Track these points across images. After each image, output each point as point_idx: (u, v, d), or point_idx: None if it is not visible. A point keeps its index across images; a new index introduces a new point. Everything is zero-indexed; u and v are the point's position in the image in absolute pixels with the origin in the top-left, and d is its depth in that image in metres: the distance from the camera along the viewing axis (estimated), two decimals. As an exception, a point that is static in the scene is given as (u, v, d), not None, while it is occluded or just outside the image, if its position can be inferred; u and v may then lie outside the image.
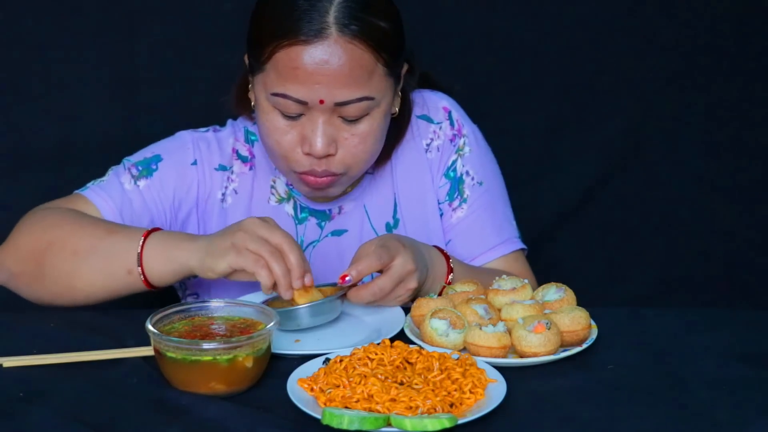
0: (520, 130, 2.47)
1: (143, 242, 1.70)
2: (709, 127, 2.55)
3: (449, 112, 1.97)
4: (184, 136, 1.92)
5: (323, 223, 1.92)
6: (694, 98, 2.53)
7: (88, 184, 1.87)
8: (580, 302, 1.65)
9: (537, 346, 1.53)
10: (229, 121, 1.97)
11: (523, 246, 1.98)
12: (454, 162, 1.95)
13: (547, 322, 1.54)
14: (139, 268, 1.70)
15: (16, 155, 2.34)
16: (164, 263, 1.70)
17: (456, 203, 1.95)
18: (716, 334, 1.66)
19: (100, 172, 1.90)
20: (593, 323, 1.62)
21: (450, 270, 1.81)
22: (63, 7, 2.33)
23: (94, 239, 1.73)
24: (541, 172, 2.50)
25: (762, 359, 1.57)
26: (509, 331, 1.56)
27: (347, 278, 1.66)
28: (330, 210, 1.93)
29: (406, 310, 1.70)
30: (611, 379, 1.51)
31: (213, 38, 2.38)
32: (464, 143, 1.96)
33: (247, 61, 1.82)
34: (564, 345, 1.57)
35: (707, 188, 2.57)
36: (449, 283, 1.80)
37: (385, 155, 1.92)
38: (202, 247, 1.67)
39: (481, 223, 1.95)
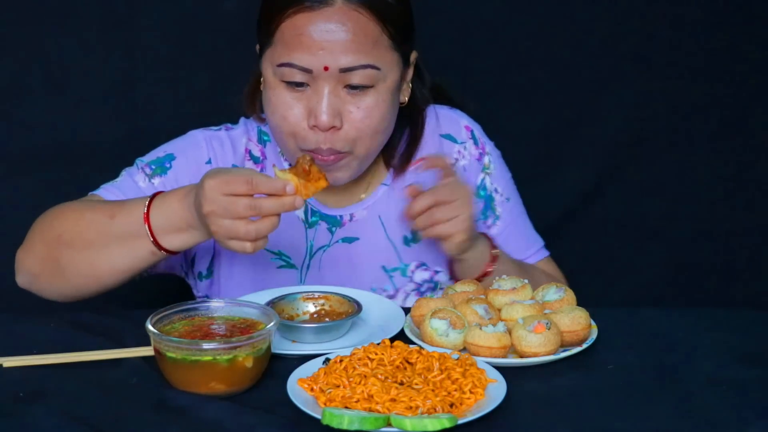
0: (520, 132, 2.47)
1: (150, 229, 1.64)
2: (710, 126, 2.56)
3: (471, 131, 1.96)
4: (197, 135, 1.89)
5: (334, 229, 1.90)
6: (694, 98, 2.54)
7: (102, 185, 1.84)
8: (580, 302, 1.65)
9: (537, 346, 1.53)
10: (242, 120, 1.94)
11: (548, 252, 2.02)
12: (483, 180, 1.95)
13: (547, 322, 1.54)
14: (162, 251, 1.66)
15: (16, 155, 2.34)
16: (185, 239, 1.65)
17: (490, 221, 1.96)
18: (716, 334, 1.66)
19: (100, 172, 1.90)
20: (593, 323, 1.62)
21: (493, 259, 1.83)
22: (63, 7, 2.33)
23: (100, 226, 1.68)
24: (541, 174, 2.51)
25: (762, 359, 1.57)
26: (509, 331, 1.56)
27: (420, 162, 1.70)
28: (341, 216, 1.90)
29: (406, 310, 1.70)
30: (611, 379, 1.51)
31: (213, 38, 2.38)
32: (489, 161, 1.96)
33: (258, 48, 1.81)
34: (564, 345, 1.57)
35: (707, 188, 2.57)
36: (490, 272, 1.82)
37: (404, 165, 1.91)
38: (203, 226, 1.61)
39: (514, 237, 1.97)
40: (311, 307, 1.70)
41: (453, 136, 1.95)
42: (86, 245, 1.69)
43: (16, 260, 1.76)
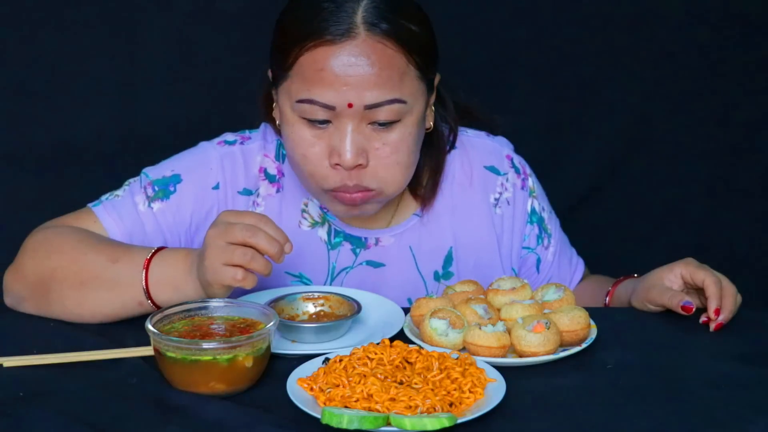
0: (519, 131, 2.47)
1: (146, 275, 1.62)
2: (709, 126, 2.56)
3: (511, 159, 1.92)
4: (209, 153, 1.80)
5: (358, 250, 1.83)
6: (694, 98, 2.54)
7: (102, 197, 1.79)
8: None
9: (536, 346, 1.53)
10: (262, 127, 1.85)
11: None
12: (532, 206, 1.91)
13: (547, 322, 1.55)
14: (149, 301, 1.63)
15: (16, 155, 2.34)
16: (173, 295, 1.62)
17: (546, 241, 1.93)
18: (716, 334, 1.66)
19: (100, 173, 1.89)
20: (593, 323, 1.62)
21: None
22: (64, 7, 2.34)
23: (98, 268, 1.65)
24: (541, 173, 2.50)
25: (762, 359, 1.57)
26: (509, 331, 1.56)
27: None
28: (366, 238, 1.83)
29: (406, 310, 1.70)
30: (611, 379, 1.52)
31: (213, 38, 2.38)
32: (532, 182, 1.92)
33: (270, 74, 1.73)
34: (563, 345, 1.57)
35: (707, 188, 2.57)
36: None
37: (430, 195, 1.84)
38: (199, 278, 1.58)
39: (563, 249, 1.97)
40: (311, 308, 1.70)
41: (496, 167, 1.90)
42: (79, 285, 1.65)
43: (5, 281, 1.73)
